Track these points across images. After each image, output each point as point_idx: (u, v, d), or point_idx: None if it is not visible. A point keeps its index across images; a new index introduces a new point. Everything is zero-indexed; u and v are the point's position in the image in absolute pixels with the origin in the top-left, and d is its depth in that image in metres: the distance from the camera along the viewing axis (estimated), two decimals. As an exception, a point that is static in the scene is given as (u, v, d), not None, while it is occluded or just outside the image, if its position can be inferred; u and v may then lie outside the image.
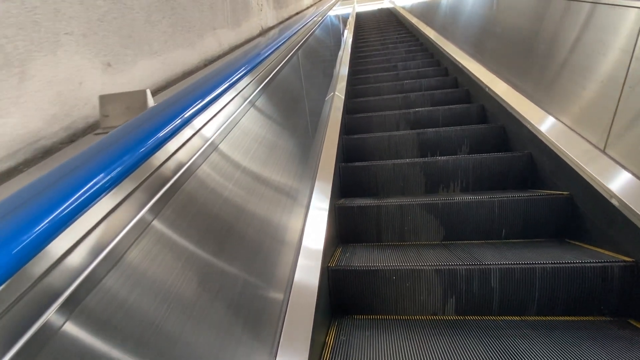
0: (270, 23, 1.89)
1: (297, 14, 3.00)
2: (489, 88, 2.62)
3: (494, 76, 2.67)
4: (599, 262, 1.34)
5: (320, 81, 2.54)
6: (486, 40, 2.95)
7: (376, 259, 1.60)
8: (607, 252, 1.43)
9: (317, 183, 1.68)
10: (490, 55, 2.84)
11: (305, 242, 1.29)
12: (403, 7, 7.39)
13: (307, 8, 3.52)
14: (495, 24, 2.80)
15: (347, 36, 5.18)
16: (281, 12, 2.32)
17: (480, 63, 2.98)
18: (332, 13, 3.93)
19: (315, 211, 1.49)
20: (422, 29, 5.21)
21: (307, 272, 1.21)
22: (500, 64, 2.66)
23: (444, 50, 3.94)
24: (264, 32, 1.77)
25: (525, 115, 2.09)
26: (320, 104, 2.34)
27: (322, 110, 2.32)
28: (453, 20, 3.98)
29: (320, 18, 2.86)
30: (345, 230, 1.93)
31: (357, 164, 2.30)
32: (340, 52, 3.99)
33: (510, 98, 2.32)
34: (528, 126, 2.03)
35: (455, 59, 3.55)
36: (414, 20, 5.97)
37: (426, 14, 5.32)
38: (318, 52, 2.60)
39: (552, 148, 1.78)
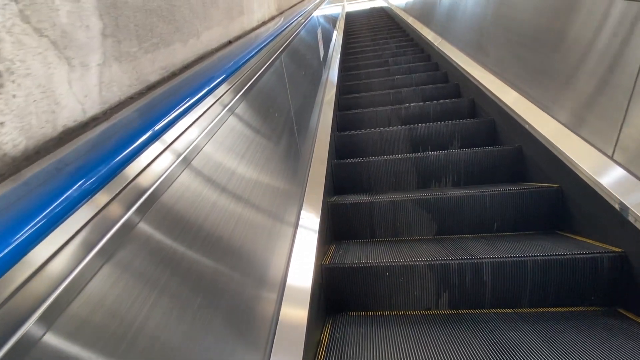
0: (87, 111, 0.63)
1: (229, 42, 1.36)
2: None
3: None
4: (589, 253, 1.36)
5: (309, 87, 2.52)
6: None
7: (370, 255, 1.61)
8: (597, 243, 1.45)
9: (309, 181, 1.67)
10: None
11: (298, 241, 1.28)
12: (398, 7, 7.06)
13: (263, 24, 1.90)
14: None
15: (336, 39, 4.90)
16: (157, 58, 0.86)
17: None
18: (316, 13, 3.39)
19: (308, 209, 1.49)
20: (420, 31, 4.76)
21: (301, 270, 1.20)
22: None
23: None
24: (15, 164, 0.49)
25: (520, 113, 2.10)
26: (311, 103, 2.33)
27: (312, 110, 2.31)
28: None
29: (290, 38, 1.90)
30: (338, 227, 1.93)
31: (349, 160, 2.30)
32: (328, 59, 3.60)
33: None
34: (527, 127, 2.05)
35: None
36: (410, 20, 5.77)
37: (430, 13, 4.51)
38: (301, 62, 2.42)
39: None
